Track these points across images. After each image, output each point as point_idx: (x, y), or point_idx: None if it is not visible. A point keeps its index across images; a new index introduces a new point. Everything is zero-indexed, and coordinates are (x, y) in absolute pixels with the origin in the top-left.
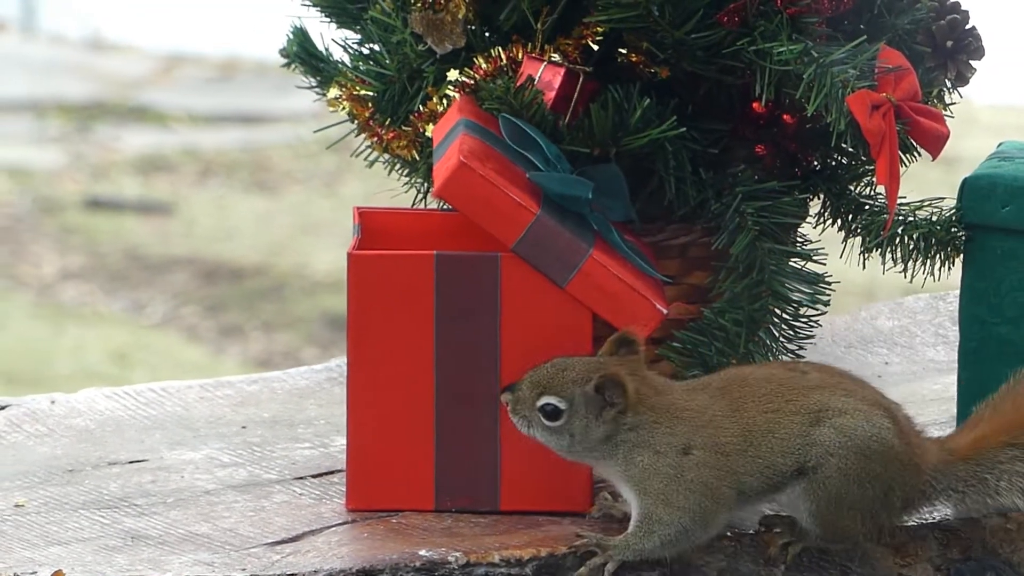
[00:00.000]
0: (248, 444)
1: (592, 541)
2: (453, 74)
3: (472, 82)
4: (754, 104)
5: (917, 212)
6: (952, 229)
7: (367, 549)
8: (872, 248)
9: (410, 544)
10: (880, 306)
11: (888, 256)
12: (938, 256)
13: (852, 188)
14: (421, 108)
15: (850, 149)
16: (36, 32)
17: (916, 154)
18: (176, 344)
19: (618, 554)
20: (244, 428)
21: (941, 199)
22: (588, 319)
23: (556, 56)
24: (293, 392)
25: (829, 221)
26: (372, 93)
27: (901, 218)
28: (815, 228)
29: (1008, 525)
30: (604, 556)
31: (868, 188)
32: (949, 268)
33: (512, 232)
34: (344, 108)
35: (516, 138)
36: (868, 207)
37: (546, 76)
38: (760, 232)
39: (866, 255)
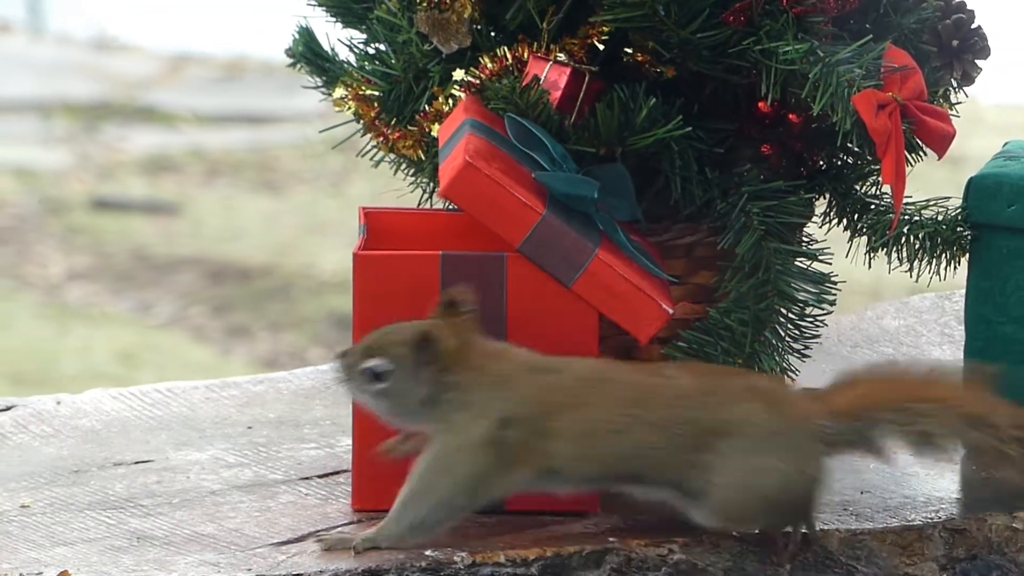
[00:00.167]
0: (254, 444)
1: (335, 538)
2: (459, 74)
3: (478, 82)
4: (760, 103)
5: (923, 211)
6: (958, 228)
7: (373, 549)
8: (878, 247)
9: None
10: (886, 305)
11: (894, 255)
12: (944, 255)
13: (858, 187)
14: (427, 108)
15: (856, 148)
16: (42, 32)
17: (922, 153)
18: (183, 344)
19: (364, 544)
20: (250, 428)
21: (947, 198)
22: (594, 319)
23: (562, 56)
24: (299, 393)
25: (835, 220)
26: (378, 93)
27: (907, 217)
28: (821, 227)
29: (1014, 524)
30: (357, 545)
31: (874, 187)
32: (955, 267)
33: (518, 232)
34: (350, 108)
35: (522, 138)
36: (874, 206)
37: (552, 76)
38: (766, 232)
39: (872, 254)
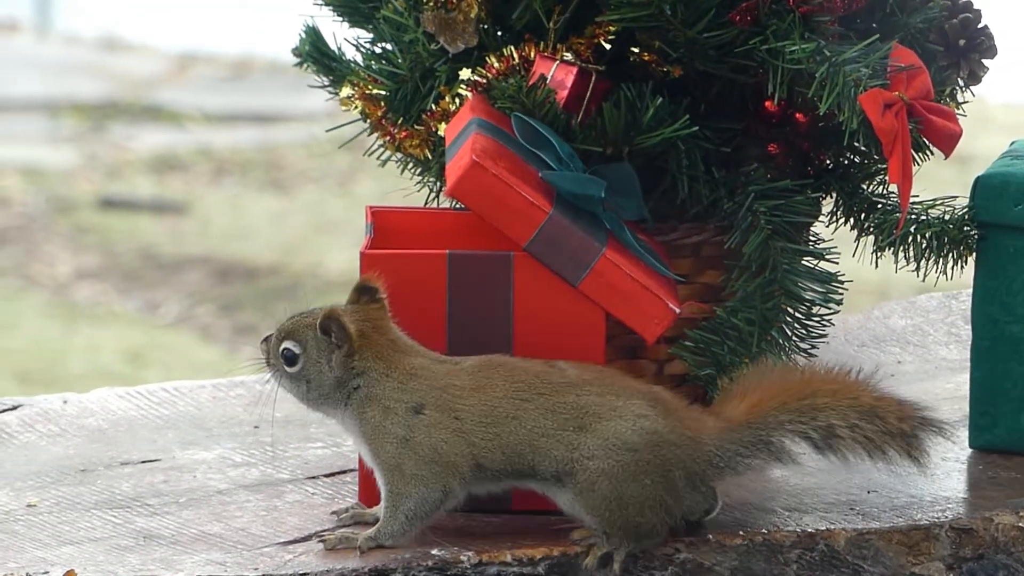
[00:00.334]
0: (260, 444)
1: (338, 537)
2: (465, 73)
3: (484, 81)
4: (766, 103)
5: (930, 211)
6: (965, 228)
7: (377, 548)
8: (885, 247)
9: (422, 543)
10: (893, 305)
11: (901, 255)
12: (951, 255)
13: (865, 187)
14: (433, 107)
15: (863, 148)
16: (50, 32)
17: (929, 153)
18: (190, 343)
19: (368, 543)
20: (256, 428)
21: (954, 198)
22: (601, 318)
23: (568, 55)
24: None
25: (842, 220)
26: (384, 92)
27: (914, 217)
28: (828, 227)
29: (1021, 524)
30: (361, 544)
31: (881, 187)
32: (962, 267)
33: (525, 231)
34: (357, 107)
35: (529, 137)
36: (881, 206)
37: (558, 75)
38: (773, 231)
39: (879, 254)
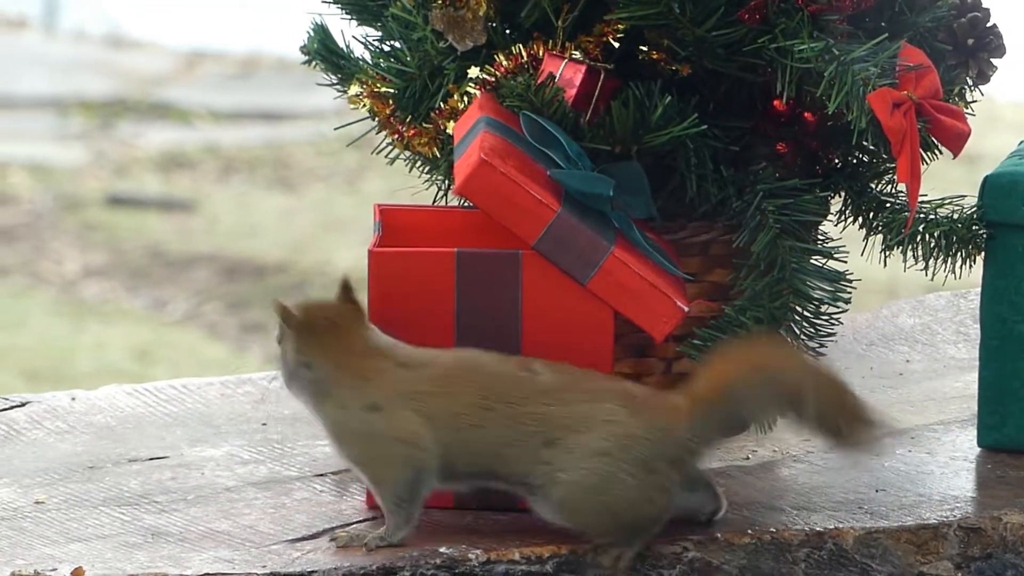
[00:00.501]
0: (268, 441)
1: (350, 535)
2: (474, 71)
3: (493, 79)
4: (775, 102)
5: (938, 210)
6: (973, 227)
7: (387, 546)
8: (893, 246)
9: (431, 541)
10: (901, 304)
11: (909, 254)
12: (959, 254)
13: (873, 186)
14: (442, 105)
15: (871, 147)
16: (57, 29)
17: (937, 152)
18: (198, 341)
19: (376, 541)
20: (264, 425)
21: (962, 197)
22: (609, 317)
23: (577, 53)
24: None
25: (850, 219)
26: (393, 90)
27: (922, 216)
28: (836, 226)
29: None
30: (369, 542)
31: (889, 186)
32: (970, 266)
33: (533, 229)
34: (365, 105)
35: (537, 135)
36: (889, 205)
37: (567, 73)
38: (781, 230)
39: (887, 253)
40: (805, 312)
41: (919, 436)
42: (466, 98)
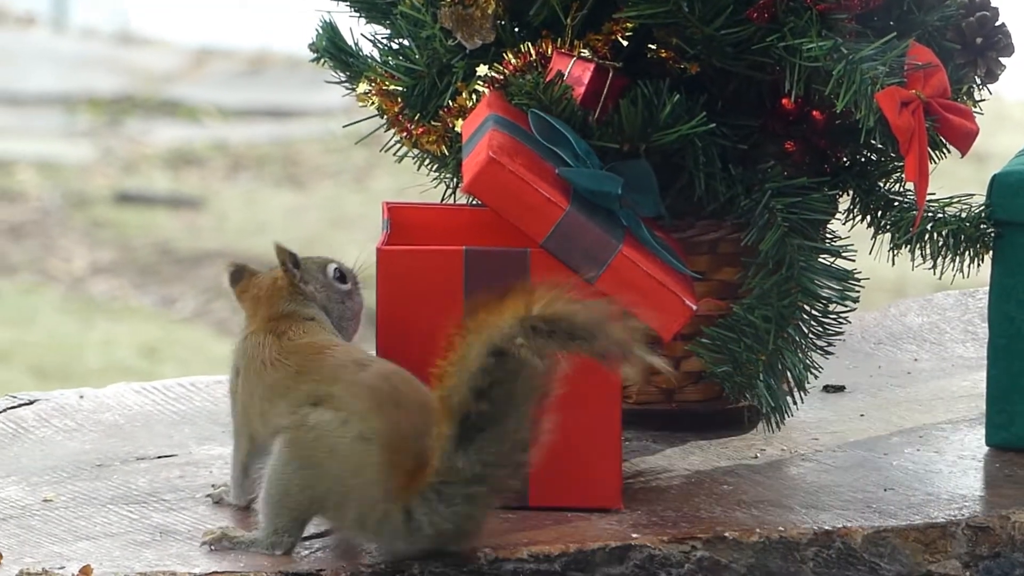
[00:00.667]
0: None
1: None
2: (482, 69)
3: (501, 77)
4: (783, 100)
5: (946, 208)
6: (981, 226)
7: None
8: (901, 244)
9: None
10: (909, 302)
11: (917, 252)
12: (967, 253)
13: (881, 184)
14: (450, 103)
15: (879, 146)
16: (66, 26)
17: (945, 151)
18: (206, 338)
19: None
20: None
21: (970, 196)
22: None
23: (586, 52)
24: None
25: (858, 217)
26: (401, 88)
27: (930, 215)
28: (844, 224)
29: None
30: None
31: (897, 184)
32: (978, 265)
33: (541, 227)
34: (373, 103)
35: (545, 134)
36: (897, 203)
37: (576, 72)
38: (789, 228)
39: (895, 251)
40: (813, 311)
41: (927, 435)
42: (474, 96)
